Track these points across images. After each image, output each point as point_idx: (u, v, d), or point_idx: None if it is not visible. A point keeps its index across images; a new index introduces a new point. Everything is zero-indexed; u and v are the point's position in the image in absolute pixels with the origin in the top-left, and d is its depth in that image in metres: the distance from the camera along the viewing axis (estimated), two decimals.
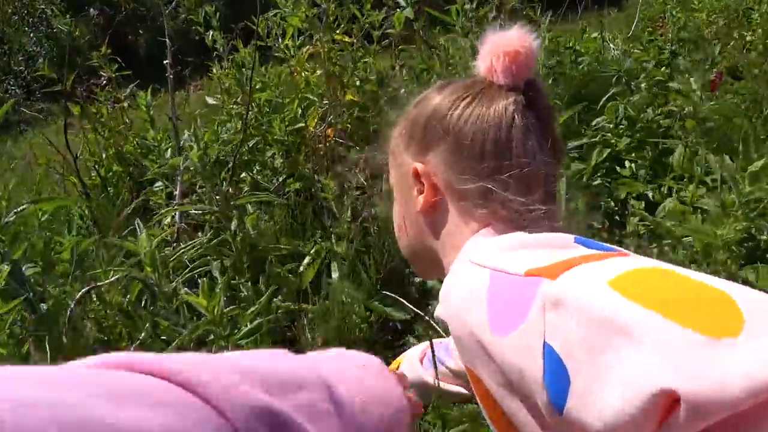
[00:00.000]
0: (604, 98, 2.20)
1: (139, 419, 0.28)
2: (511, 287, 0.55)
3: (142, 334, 0.98)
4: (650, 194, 1.98)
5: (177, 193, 1.66)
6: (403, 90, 2.13)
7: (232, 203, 1.26)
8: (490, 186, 0.71)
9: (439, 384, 1.13)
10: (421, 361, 1.13)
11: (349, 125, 1.99)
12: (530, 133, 0.72)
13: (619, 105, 2.17)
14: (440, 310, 0.70)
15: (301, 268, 1.58)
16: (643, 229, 1.91)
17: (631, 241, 1.83)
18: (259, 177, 1.73)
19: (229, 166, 1.67)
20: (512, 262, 0.58)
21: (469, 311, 0.59)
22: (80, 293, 0.97)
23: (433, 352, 0.98)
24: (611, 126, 2.19)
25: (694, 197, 1.72)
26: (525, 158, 0.71)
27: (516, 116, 0.71)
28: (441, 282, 0.76)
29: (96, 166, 1.93)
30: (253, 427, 0.33)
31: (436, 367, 0.99)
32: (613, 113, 2.26)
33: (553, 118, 0.77)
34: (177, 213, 1.61)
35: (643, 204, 1.94)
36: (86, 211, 1.84)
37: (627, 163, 2.13)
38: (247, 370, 0.36)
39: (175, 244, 1.44)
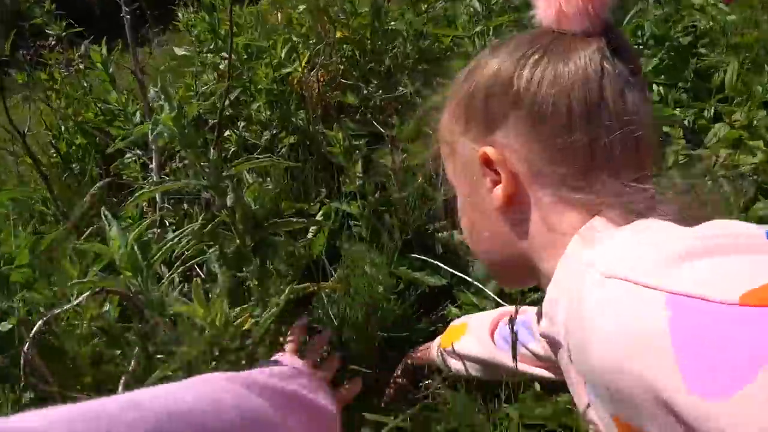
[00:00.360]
0: (629, 15, 1.95)
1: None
2: (716, 324, 0.36)
3: (131, 364, 0.75)
4: (687, 121, 1.76)
5: (153, 166, 1.40)
6: (394, 22, 1.87)
7: (224, 173, 1.00)
8: (589, 161, 0.55)
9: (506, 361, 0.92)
10: (492, 335, 0.94)
11: (341, 66, 1.73)
12: (628, 84, 0.56)
13: (644, 22, 1.92)
14: (548, 328, 0.55)
15: (309, 235, 1.34)
16: (683, 159, 1.70)
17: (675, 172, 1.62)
18: (246, 134, 1.48)
19: (213, 124, 1.42)
20: (705, 280, 0.38)
21: (640, 358, 0.39)
22: (34, 330, 0.73)
23: (514, 337, 0.77)
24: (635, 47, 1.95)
25: (751, 120, 1.50)
26: (627, 116, 0.54)
27: (605, 65, 0.55)
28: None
29: (53, 141, 1.66)
30: (280, 404, 0.65)
31: (515, 353, 0.78)
32: (630, 32, 2.01)
33: (641, 63, 0.60)
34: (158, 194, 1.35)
35: (681, 132, 1.72)
36: (48, 195, 1.57)
37: (655, 87, 1.89)
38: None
39: (158, 230, 1.19)
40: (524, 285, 0.72)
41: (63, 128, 1.73)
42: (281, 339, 1.11)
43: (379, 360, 1.23)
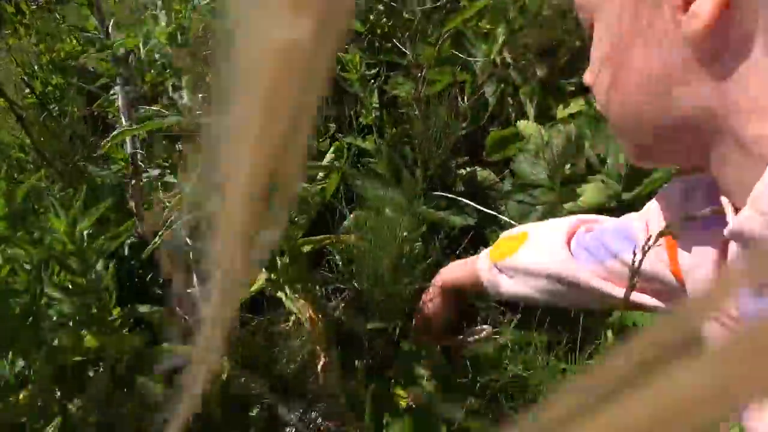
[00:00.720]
0: None
1: None
2: None
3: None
4: None
5: (119, 101, 1.23)
6: None
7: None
8: None
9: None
10: (569, 245, 0.76)
11: None
12: None
13: None
14: (753, 222, 0.38)
15: (320, 175, 1.21)
16: None
17: None
18: None
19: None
20: None
21: None
22: None
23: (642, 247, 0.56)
24: None
25: None
26: None
27: None
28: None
29: (26, 79, 1.49)
30: None
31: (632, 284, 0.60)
32: None
33: None
34: (131, 138, 1.19)
35: None
36: (26, 140, 1.42)
37: None
38: None
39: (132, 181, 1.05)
40: (675, 161, 0.53)
41: (36, 66, 1.56)
42: (298, 297, 1.00)
43: (405, 317, 1.12)
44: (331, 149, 1.26)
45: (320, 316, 0.98)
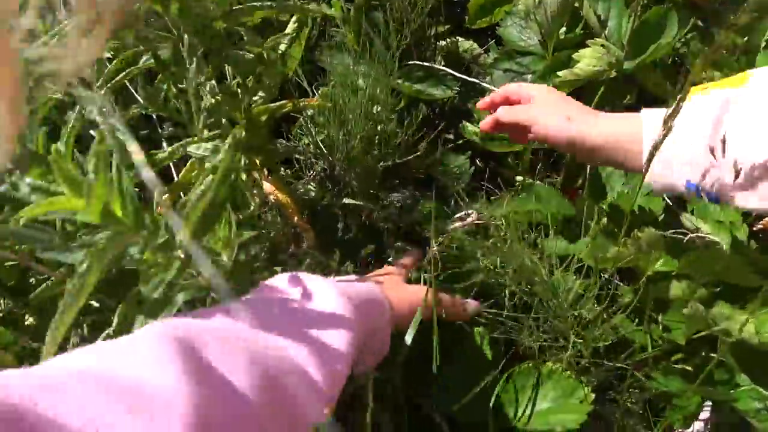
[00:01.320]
0: None
1: None
2: None
3: None
4: None
5: None
6: None
7: None
8: None
9: None
10: None
11: None
12: None
13: None
14: None
15: (282, 46, 1.06)
16: None
17: None
18: None
19: None
20: None
21: None
22: None
23: None
24: None
25: None
26: None
27: None
28: None
29: None
30: None
31: None
32: None
33: None
34: None
35: None
36: None
37: None
38: None
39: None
40: None
41: None
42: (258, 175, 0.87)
43: (380, 196, 1.02)
44: (293, 18, 1.10)
45: (290, 196, 0.86)
